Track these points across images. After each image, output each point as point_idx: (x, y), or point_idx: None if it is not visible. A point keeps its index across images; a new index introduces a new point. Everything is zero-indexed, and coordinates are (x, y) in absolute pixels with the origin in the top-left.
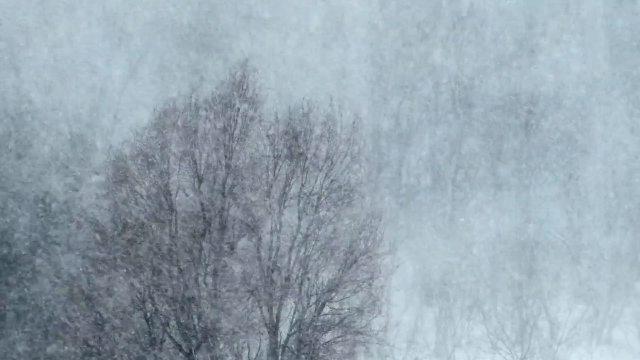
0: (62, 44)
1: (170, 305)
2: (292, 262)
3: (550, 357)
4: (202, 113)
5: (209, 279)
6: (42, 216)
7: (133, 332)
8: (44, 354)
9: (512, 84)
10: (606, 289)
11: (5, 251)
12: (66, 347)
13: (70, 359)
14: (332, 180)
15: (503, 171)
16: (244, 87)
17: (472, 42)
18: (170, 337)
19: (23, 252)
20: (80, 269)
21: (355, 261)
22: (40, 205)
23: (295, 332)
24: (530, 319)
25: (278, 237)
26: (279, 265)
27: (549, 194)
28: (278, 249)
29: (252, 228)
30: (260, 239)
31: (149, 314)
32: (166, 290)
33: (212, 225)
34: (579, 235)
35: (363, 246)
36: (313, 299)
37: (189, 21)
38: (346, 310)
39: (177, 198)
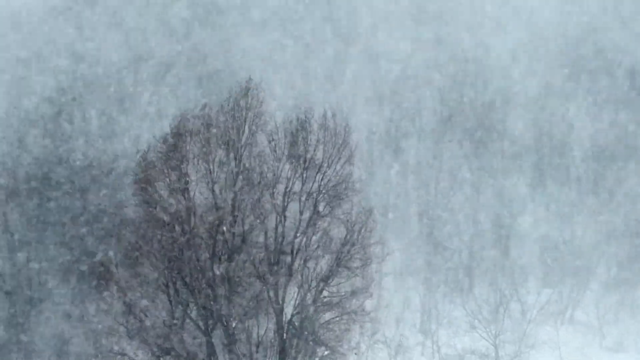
0: None
1: (190, 290)
2: (294, 252)
3: (520, 335)
4: (214, 121)
5: (223, 267)
6: None
7: (158, 314)
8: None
9: None
10: (569, 276)
11: None
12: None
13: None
14: (328, 179)
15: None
16: (250, 98)
17: None
18: (190, 318)
19: None
20: (113, 258)
21: (349, 250)
22: None
23: (298, 312)
24: (504, 302)
25: (282, 230)
26: (283, 254)
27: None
28: (282, 240)
29: (260, 221)
30: (267, 231)
31: (171, 298)
32: (186, 277)
33: (225, 220)
34: (546, 228)
35: (356, 237)
36: (313, 284)
37: None
38: (342, 294)
39: (194, 196)
